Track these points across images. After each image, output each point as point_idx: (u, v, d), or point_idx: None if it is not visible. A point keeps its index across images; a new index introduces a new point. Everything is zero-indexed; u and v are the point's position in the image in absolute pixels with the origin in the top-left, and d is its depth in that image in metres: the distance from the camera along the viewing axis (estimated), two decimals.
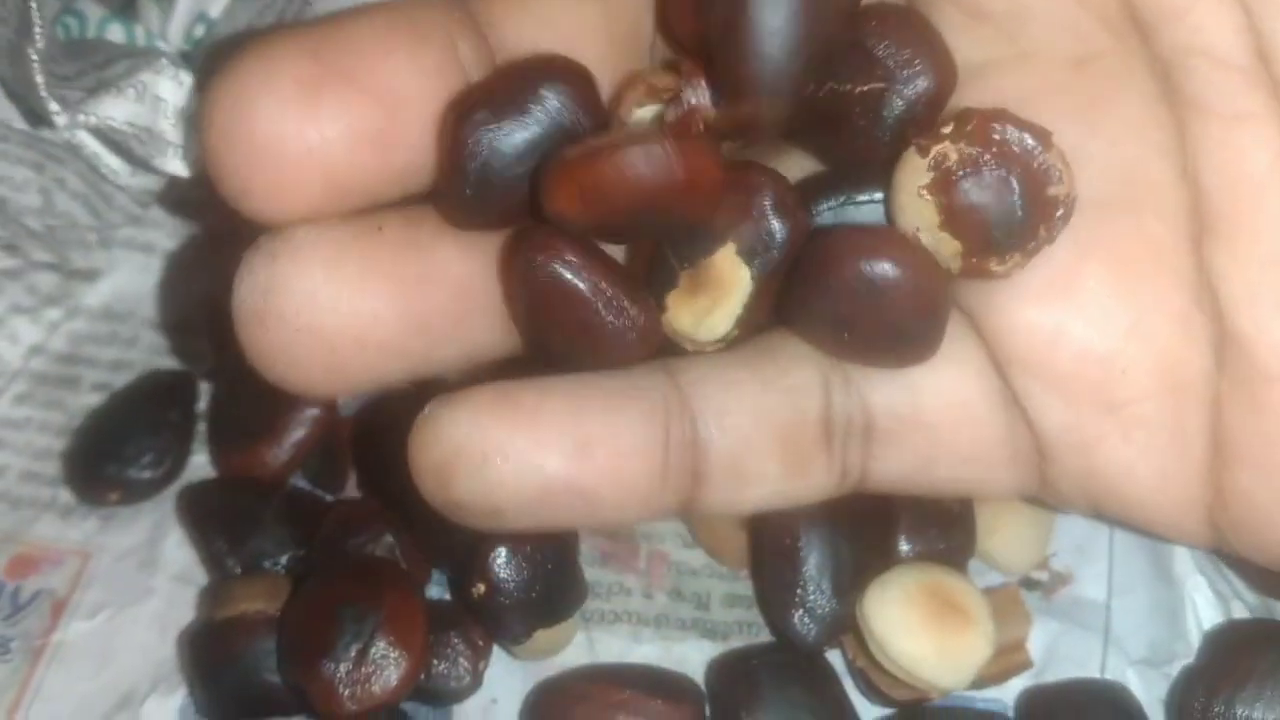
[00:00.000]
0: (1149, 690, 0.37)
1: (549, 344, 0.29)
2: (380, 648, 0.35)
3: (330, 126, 0.26)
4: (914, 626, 0.35)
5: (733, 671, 0.37)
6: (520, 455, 0.27)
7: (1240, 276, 0.27)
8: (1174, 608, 0.38)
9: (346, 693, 0.34)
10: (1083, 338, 0.28)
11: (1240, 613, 0.38)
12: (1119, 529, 0.40)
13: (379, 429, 0.40)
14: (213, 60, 0.43)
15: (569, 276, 0.28)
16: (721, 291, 0.28)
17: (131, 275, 0.48)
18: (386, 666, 0.35)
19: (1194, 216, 0.27)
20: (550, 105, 0.27)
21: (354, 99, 0.26)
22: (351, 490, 0.43)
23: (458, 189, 0.27)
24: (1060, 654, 0.38)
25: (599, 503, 0.27)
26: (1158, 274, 0.28)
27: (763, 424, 0.29)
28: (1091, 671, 0.38)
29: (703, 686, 0.38)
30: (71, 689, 0.38)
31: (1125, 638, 0.38)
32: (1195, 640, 0.38)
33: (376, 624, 0.35)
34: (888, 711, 0.37)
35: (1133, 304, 0.28)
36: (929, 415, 0.30)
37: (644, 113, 0.29)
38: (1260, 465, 0.27)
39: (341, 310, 0.27)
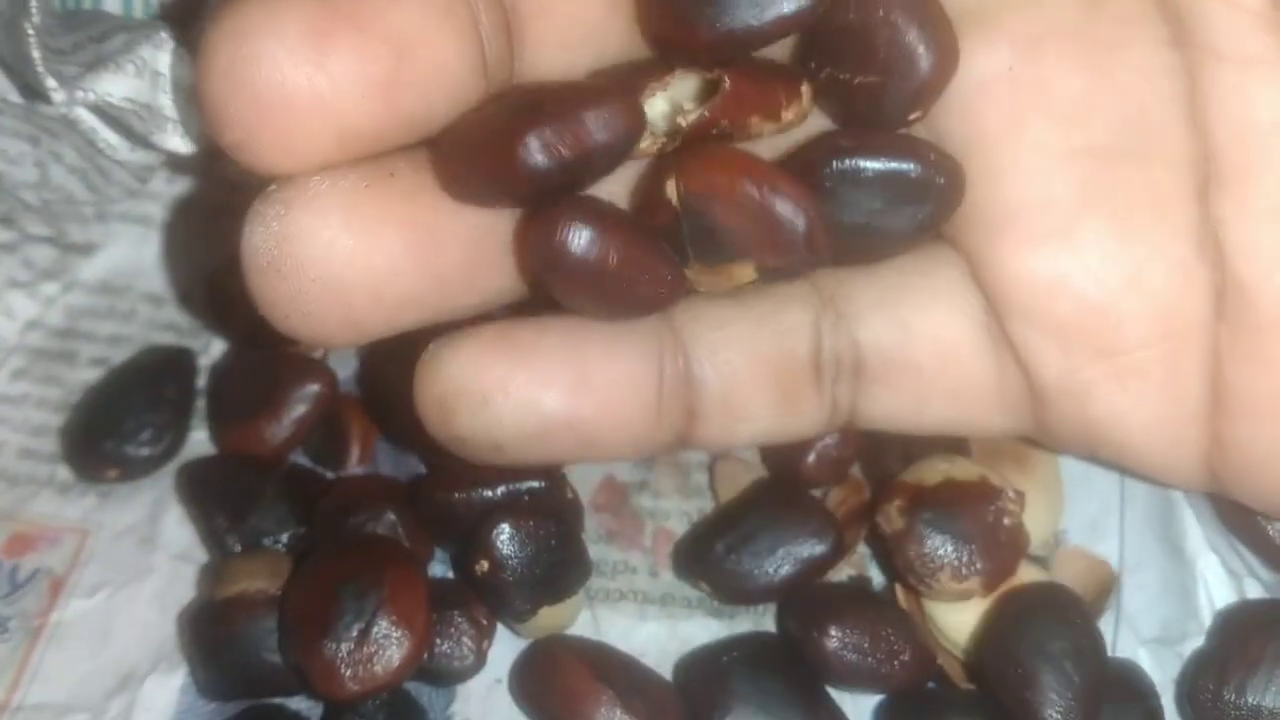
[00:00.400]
0: (1161, 669, 0.37)
1: (581, 308, 0.29)
2: (382, 627, 0.35)
3: (340, 73, 0.25)
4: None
5: (705, 670, 0.36)
6: (519, 392, 0.27)
7: (1245, 227, 0.27)
8: (1186, 586, 0.38)
9: (348, 673, 0.34)
10: (1082, 287, 0.28)
11: (1254, 590, 0.38)
12: (1130, 506, 0.40)
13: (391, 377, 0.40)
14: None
15: (602, 244, 0.27)
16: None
17: (129, 248, 0.47)
18: (389, 646, 0.34)
19: (1200, 166, 0.27)
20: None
21: (363, 44, 0.25)
22: (353, 467, 0.42)
23: None
24: None
25: (596, 438, 0.28)
26: (1160, 223, 0.28)
27: (755, 361, 0.29)
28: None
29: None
30: (71, 668, 0.38)
31: (1136, 616, 0.38)
32: (1207, 619, 0.37)
33: (378, 603, 0.35)
34: (870, 700, 0.37)
35: (1133, 253, 0.28)
36: (918, 355, 0.30)
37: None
38: (1260, 414, 0.28)
39: (359, 261, 0.26)
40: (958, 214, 0.29)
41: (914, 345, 0.30)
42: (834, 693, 0.36)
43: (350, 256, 0.26)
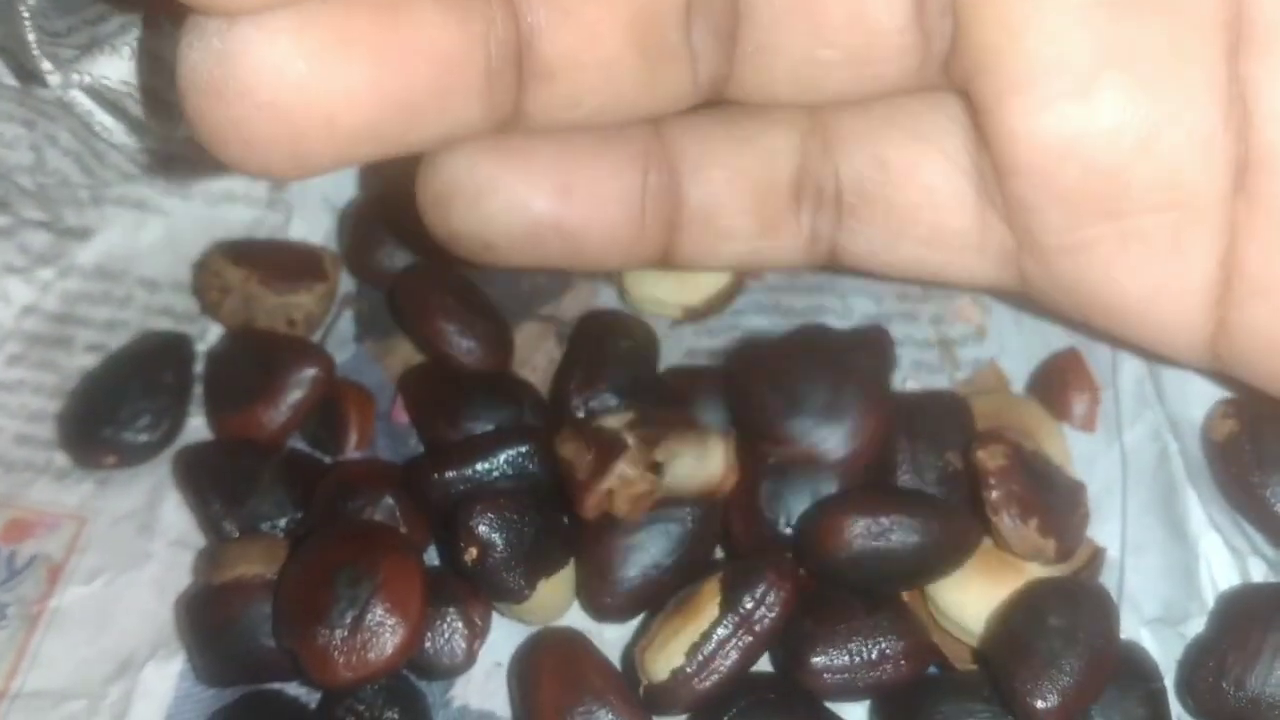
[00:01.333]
0: (1164, 649, 0.36)
1: None
2: (376, 614, 0.34)
3: None
4: (965, 580, 0.36)
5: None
6: (509, 192, 0.28)
7: (1278, 91, 0.25)
8: (1188, 566, 0.38)
9: (341, 660, 0.34)
10: (1094, 151, 0.27)
11: (1257, 569, 0.37)
12: (1132, 486, 0.39)
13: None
14: None
15: None
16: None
17: (125, 233, 0.47)
18: (383, 634, 0.34)
19: (1233, 25, 0.26)
20: None
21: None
22: (351, 452, 0.42)
23: None
24: None
25: (582, 243, 0.29)
26: (1184, 85, 0.26)
27: (737, 180, 0.30)
28: None
29: None
30: (69, 655, 0.38)
31: (1139, 596, 0.38)
32: (1210, 599, 0.37)
33: (373, 590, 0.35)
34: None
35: (1152, 117, 0.26)
36: (893, 193, 0.30)
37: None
38: (1274, 296, 0.27)
39: (312, 87, 0.24)
40: (972, 64, 0.27)
41: (890, 183, 0.30)
42: None
43: (302, 81, 0.24)
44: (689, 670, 0.34)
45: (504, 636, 0.38)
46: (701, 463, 0.37)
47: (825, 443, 0.37)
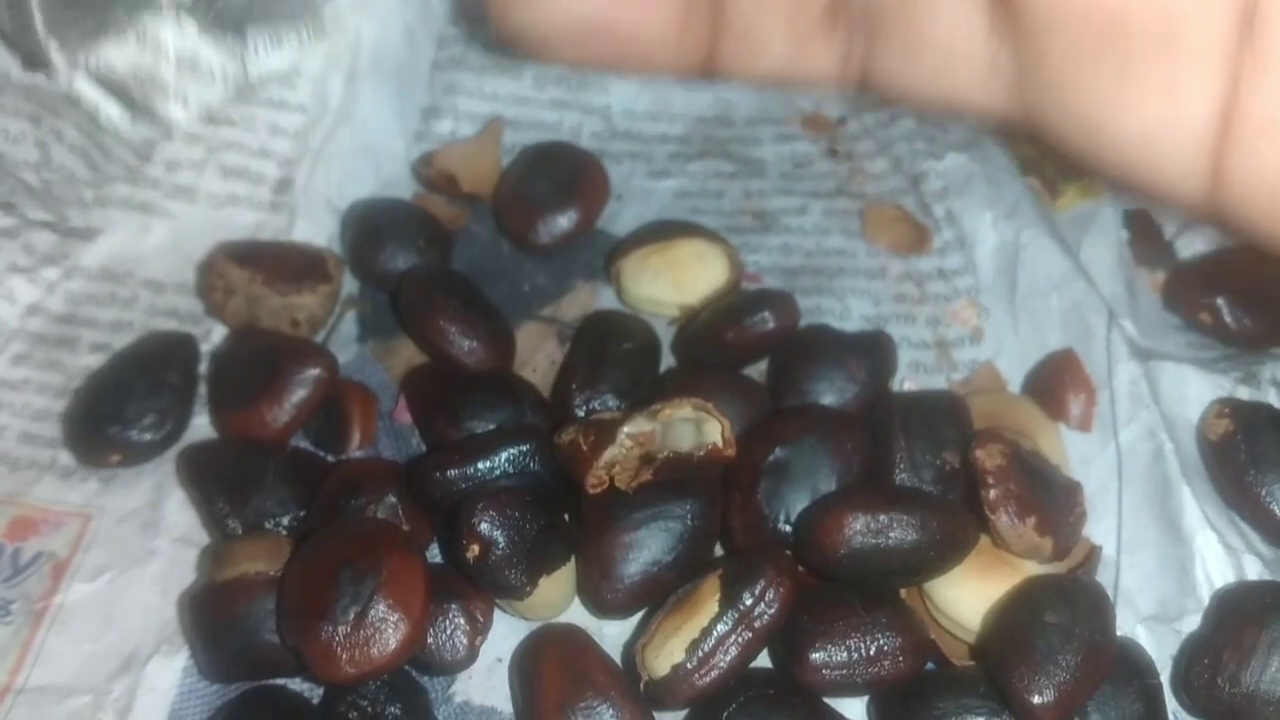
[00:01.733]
0: (1159, 646, 0.37)
1: None
2: (379, 611, 0.35)
3: None
4: (963, 577, 0.36)
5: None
6: None
7: None
8: (1183, 563, 0.38)
9: (344, 656, 0.34)
10: None
11: (1252, 567, 0.38)
12: (1128, 484, 0.40)
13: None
14: None
15: None
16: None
17: (129, 235, 0.47)
18: (385, 630, 0.35)
19: None
20: None
21: None
22: (354, 450, 0.43)
23: None
24: None
25: (629, 45, 0.30)
26: None
27: None
28: None
29: None
30: (74, 651, 0.38)
31: (1134, 593, 0.38)
32: (1205, 596, 0.37)
33: (375, 586, 0.35)
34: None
35: None
36: (914, 16, 0.30)
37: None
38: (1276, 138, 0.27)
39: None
40: None
41: (910, 6, 0.31)
42: None
43: None
44: (689, 666, 0.34)
45: (506, 633, 0.38)
46: (700, 431, 0.37)
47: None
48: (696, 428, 0.37)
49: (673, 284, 0.45)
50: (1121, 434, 0.40)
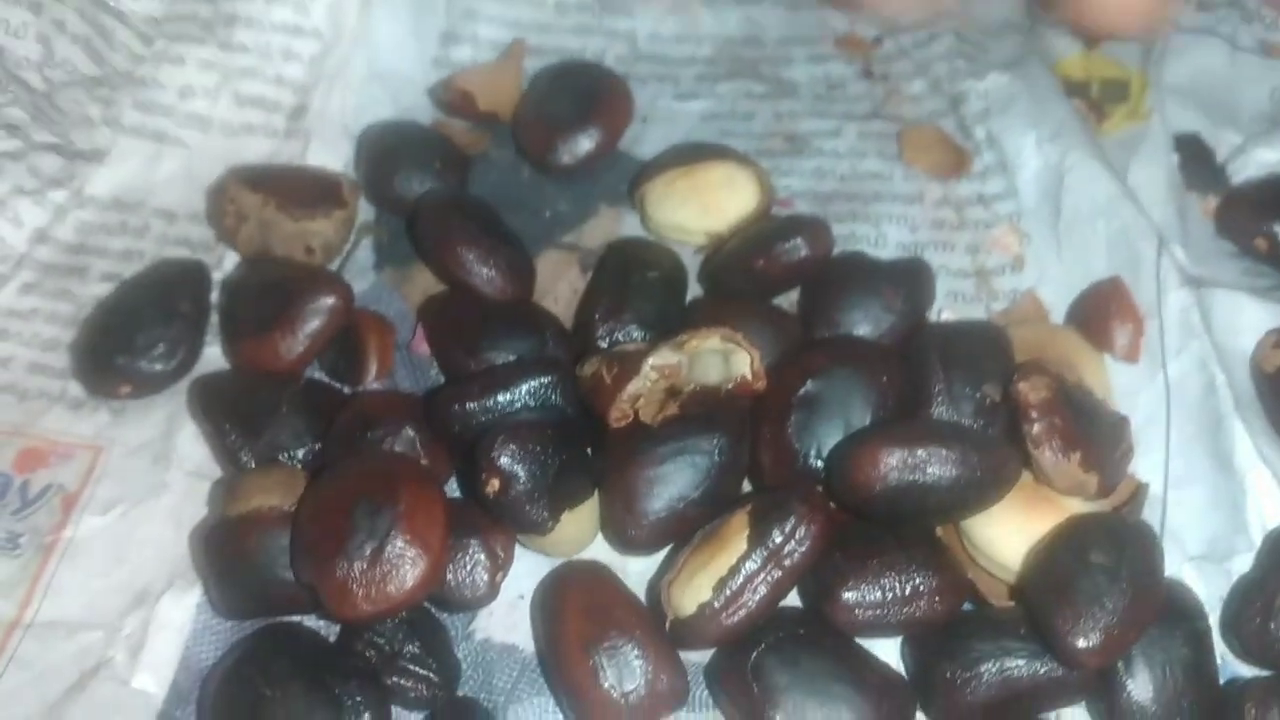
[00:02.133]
0: (1208, 586, 0.35)
1: None
2: (397, 546, 0.33)
3: None
4: (1003, 515, 0.35)
5: (738, 665, 0.34)
6: None
7: None
8: (1235, 500, 0.36)
9: (360, 593, 0.33)
10: None
11: None
12: (1176, 418, 0.38)
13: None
14: None
15: None
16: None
17: (141, 164, 0.46)
18: (403, 566, 0.33)
19: None
20: None
21: None
22: (371, 382, 0.41)
23: None
24: None
25: None
26: None
27: None
28: None
29: None
30: (84, 585, 0.37)
31: (1182, 532, 0.36)
32: (1257, 535, 0.36)
33: (393, 521, 0.34)
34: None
35: None
36: None
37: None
38: None
39: None
40: None
41: None
42: None
43: None
44: (716, 605, 0.33)
45: (527, 569, 0.37)
46: (728, 363, 0.36)
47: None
48: (724, 359, 0.36)
49: (699, 209, 0.43)
50: (1170, 365, 0.39)
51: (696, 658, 0.35)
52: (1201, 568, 0.36)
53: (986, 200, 0.44)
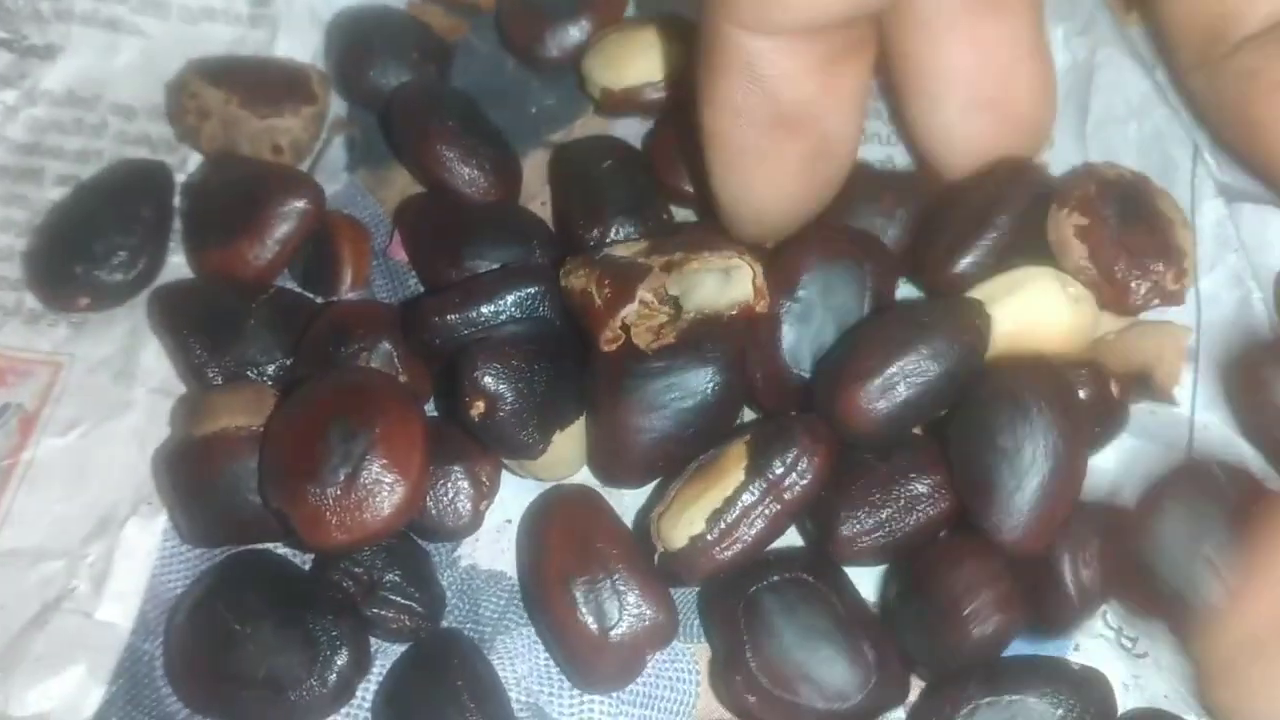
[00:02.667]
0: None
1: None
2: (373, 471, 0.31)
3: None
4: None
5: (729, 605, 0.33)
6: None
7: None
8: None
9: (334, 521, 0.31)
10: None
11: None
12: (1207, 335, 0.36)
13: None
14: None
15: None
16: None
17: (95, 55, 0.43)
18: (379, 492, 0.31)
19: None
20: None
21: None
22: (346, 293, 0.39)
23: None
24: (1137, 473, 0.34)
25: None
26: None
27: None
28: None
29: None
30: (45, 511, 0.35)
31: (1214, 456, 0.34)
32: None
33: (369, 444, 0.32)
34: None
35: None
36: None
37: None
38: None
39: None
40: None
41: None
42: None
43: None
44: (710, 538, 0.31)
45: (514, 493, 0.35)
46: (727, 286, 0.33)
47: None
48: (724, 275, 0.33)
49: (604, 63, 0.41)
50: (1203, 280, 0.36)
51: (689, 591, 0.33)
52: None
53: None
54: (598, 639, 0.32)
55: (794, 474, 0.31)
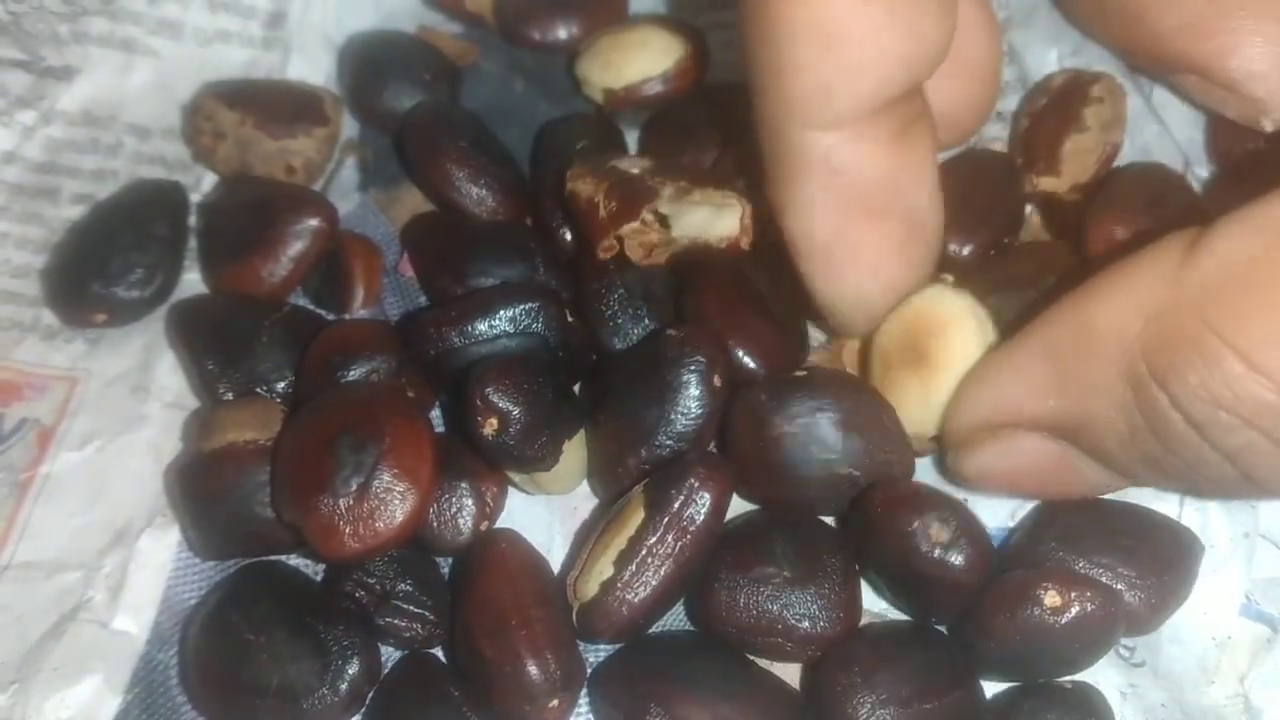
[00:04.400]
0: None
1: None
2: (384, 480, 0.32)
3: None
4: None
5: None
6: None
7: None
8: None
9: (348, 530, 0.32)
10: None
11: None
12: None
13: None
14: None
15: None
16: None
17: (110, 76, 0.43)
18: (391, 501, 0.32)
19: None
20: None
21: None
22: (358, 310, 0.39)
23: None
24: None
25: None
26: None
27: None
28: None
29: None
30: (62, 524, 0.36)
31: None
32: None
33: (379, 454, 0.32)
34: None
35: None
36: None
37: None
38: None
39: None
40: None
41: None
42: None
43: None
44: (620, 582, 0.31)
45: (520, 507, 0.36)
46: (718, 219, 0.34)
47: None
48: (717, 210, 0.34)
49: (602, 66, 0.42)
50: None
51: None
52: None
53: (1004, 118, 0.42)
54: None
55: (692, 505, 0.31)
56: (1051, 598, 0.29)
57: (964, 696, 0.31)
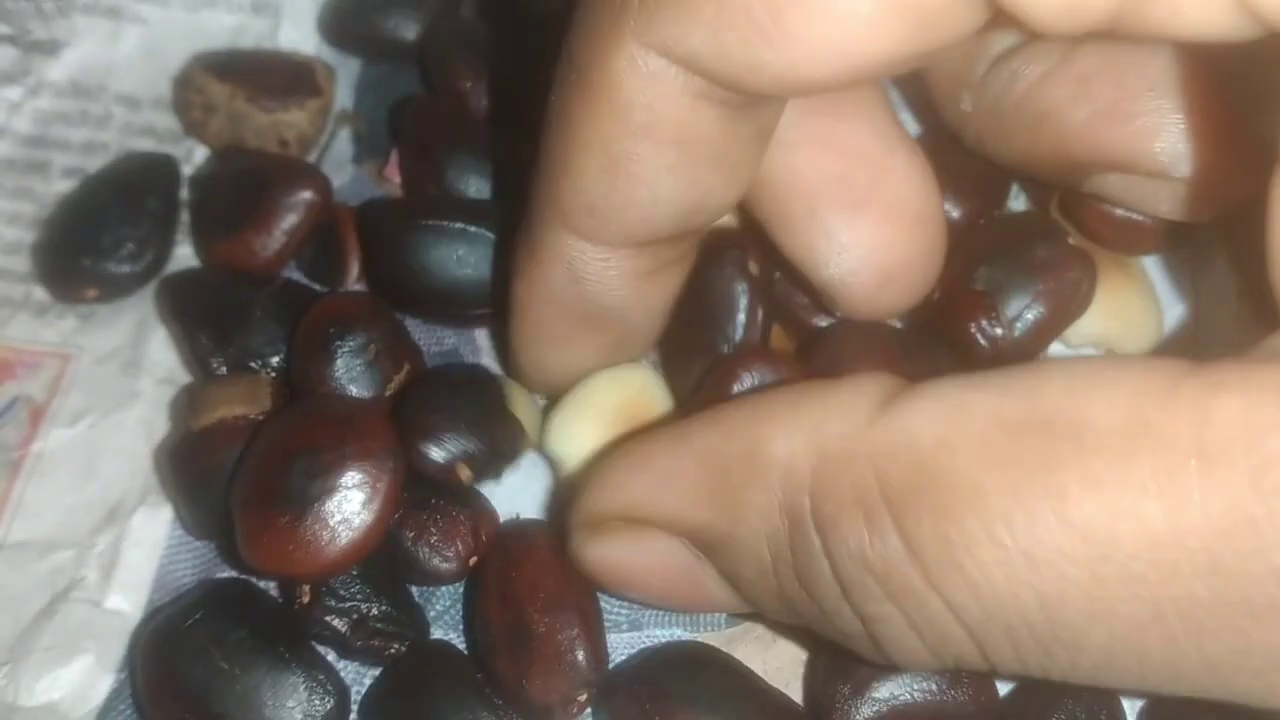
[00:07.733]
0: None
1: None
2: (328, 508, 0.30)
3: None
4: None
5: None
6: None
7: None
8: None
9: (292, 550, 0.30)
10: None
11: None
12: None
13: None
14: None
15: None
16: None
17: (98, 45, 0.43)
18: (338, 526, 0.30)
19: None
20: None
21: None
22: (352, 284, 0.39)
23: None
24: None
25: None
26: None
27: None
28: None
29: None
30: (55, 501, 0.36)
31: None
32: None
33: (332, 484, 0.31)
34: None
35: None
36: None
37: None
38: None
39: None
40: None
41: None
42: None
43: None
44: None
45: (521, 483, 0.35)
46: None
47: None
48: None
49: None
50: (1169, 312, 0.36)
51: None
52: None
53: None
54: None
55: None
56: None
57: (967, 700, 0.31)
